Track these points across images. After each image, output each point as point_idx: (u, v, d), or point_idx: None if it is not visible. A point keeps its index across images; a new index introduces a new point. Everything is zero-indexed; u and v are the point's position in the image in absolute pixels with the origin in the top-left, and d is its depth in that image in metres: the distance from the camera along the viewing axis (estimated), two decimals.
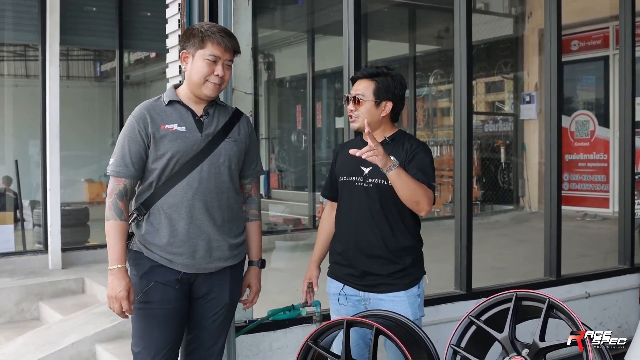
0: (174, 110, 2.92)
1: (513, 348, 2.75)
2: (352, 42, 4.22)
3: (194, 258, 2.90)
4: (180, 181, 2.86)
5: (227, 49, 2.88)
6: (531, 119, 10.97)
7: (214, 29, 2.89)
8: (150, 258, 2.89)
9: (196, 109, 2.95)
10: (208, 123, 2.94)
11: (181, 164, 2.87)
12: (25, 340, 5.05)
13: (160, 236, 2.88)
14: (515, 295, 2.83)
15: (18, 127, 10.15)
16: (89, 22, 7.72)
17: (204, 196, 2.88)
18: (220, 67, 2.88)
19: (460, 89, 4.70)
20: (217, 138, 2.93)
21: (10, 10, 7.49)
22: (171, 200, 2.86)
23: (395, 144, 3.15)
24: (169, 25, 3.84)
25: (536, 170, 10.81)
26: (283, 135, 14.06)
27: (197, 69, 2.87)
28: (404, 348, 2.75)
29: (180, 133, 2.87)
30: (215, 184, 2.91)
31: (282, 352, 3.88)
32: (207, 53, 2.85)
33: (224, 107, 3.06)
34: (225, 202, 2.95)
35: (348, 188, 3.22)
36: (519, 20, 11.36)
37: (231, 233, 3.00)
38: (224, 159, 2.93)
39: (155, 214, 2.89)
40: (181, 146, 2.86)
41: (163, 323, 2.91)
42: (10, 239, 7.33)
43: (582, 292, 5.20)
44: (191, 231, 2.88)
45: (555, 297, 2.75)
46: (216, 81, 2.89)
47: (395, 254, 3.14)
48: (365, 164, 3.07)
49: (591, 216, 9.94)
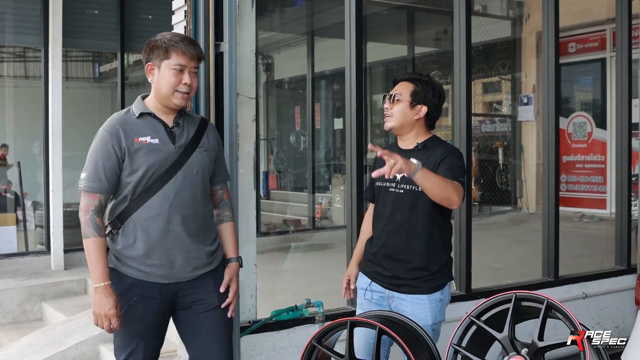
0: (145, 123, 2.91)
1: (513, 347, 2.81)
2: (353, 43, 4.27)
3: (172, 269, 2.91)
4: (155, 193, 2.87)
5: (192, 57, 2.89)
6: (529, 120, 11.03)
7: (177, 39, 2.89)
8: (128, 275, 2.90)
9: (167, 119, 2.95)
10: (180, 134, 2.95)
11: (156, 177, 2.87)
12: (30, 341, 5.10)
13: (136, 248, 2.88)
14: (514, 296, 2.89)
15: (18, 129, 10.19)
16: (91, 25, 7.76)
17: (180, 207, 2.90)
18: (187, 75, 2.89)
19: (460, 92, 4.75)
20: (189, 148, 2.95)
21: (13, 14, 7.53)
22: (147, 212, 2.87)
23: (426, 150, 3.19)
24: (174, 31, 3.88)
25: (534, 171, 10.87)
26: (282, 136, 14.10)
27: (165, 80, 2.87)
28: (407, 347, 2.82)
29: (154, 145, 2.87)
30: (190, 194, 2.93)
31: (286, 352, 3.94)
32: (172, 63, 2.86)
33: (191, 116, 3.07)
34: (200, 212, 2.98)
35: (383, 193, 3.29)
36: (516, 22, 11.42)
37: (206, 241, 3.02)
38: (197, 169, 2.95)
39: (130, 227, 2.89)
40: (156, 159, 2.86)
41: (145, 335, 2.95)
42: (13, 240, 7.37)
43: (579, 293, 5.26)
44: (169, 243, 2.89)
45: (553, 298, 2.81)
46: (185, 90, 2.89)
47: (423, 261, 3.18)
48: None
49: (588, 217, 10.00)
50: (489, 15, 11.38)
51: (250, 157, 3.85)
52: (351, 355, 2.97)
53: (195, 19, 3.63)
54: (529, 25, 11.01)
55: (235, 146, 3.65)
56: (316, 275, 6.63)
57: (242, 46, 3.75)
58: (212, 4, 3.62)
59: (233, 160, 3.64)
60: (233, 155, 3.64)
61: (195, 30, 3.64)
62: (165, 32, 2.98)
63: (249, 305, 3.85)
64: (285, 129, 14.06)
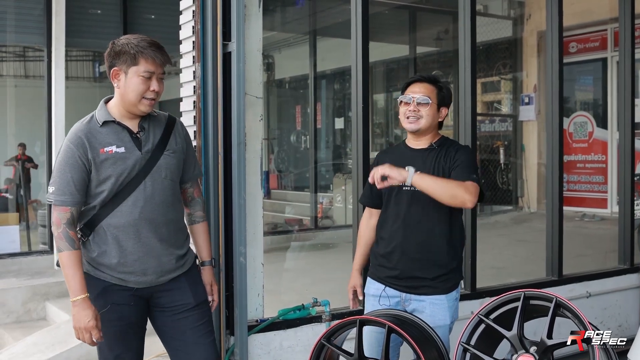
0: (109, 131, 2.83)
1: (521, 345, 2.83)
2: (360, 43, 4.28)
3: (145, 275, 2.88)
4: (123, 201, 2.82)
5: (161, 63, 2.81)
6: (530, 120, 11.05)
7: (144, 44, 2.79)
8: (101, 278, 2.86)
9: (131, 125, 2.87)
10: (145, 138, 2.88)
11: (124, 184, 2.81)
12: (35, 340, 5.11)
13: (109, 257, 2.84)
14: (523, 294, 2.91)
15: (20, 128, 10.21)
16: (94, 25, 7.78)
17: (150, 214, 2.85)
18: (155, 82, 2.82)
19: (465, 92, 4.74)
20: (156, 152, 2.88)
21: (15, 13, 7.54)
22: (116, 220, 2.82)
23: (441, 149, 3.24)
24: (182, 31, 3.91)
25: (535, 170, 10.89)
26: (282, 135, 14.12)
27: (133, 87, 2.79)
28: (416, 346, 2.83)
29: (120, 154, 2.80)
30: (160, 199, 2.87)
31: (293, 350, 3.96)
32: (141, 69, 2.77)
33: (157, 117, 2.97)
34: (171, 216, 2.93)
35: (395, 193, 3.27)
36: (517, 22, 11.45)
37: (177, 244, 2.97)
38: (165, 173, 2.89)
39: (101, 234, 2.84)
40: (123, 168, 2.80)
41: (123, 338, 2.91)
42: (16, 239, 7.37)
43: (583, 292, 5.28)
44: (141, 250, 2.85)
45: (562, 297, 2.83)
46: (152, 96, 2.82)
47: (442, 258, 3.21)
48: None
49: (589, 216, 10.02)
50: (490, 15, 11.41)
51: (258, 157, 3.87)
52: (360, 354, 2.98)
53: (203, 19, 3.64)
54: (530, 25, 11.03)
55: (242, 145, 3.66)
56: (319, 274, 6.64)
57: (249, 46, 3.77)
58: (219, 4, 3.63)
59: (240, 159, 3.66)
60: (240, 155, 3.66)
61: (203, 30, 3.65)
62: (130, 35, 2.89)
63: (256, 304, 3.86)
64: (285, 129, 14.08)
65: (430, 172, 3.13)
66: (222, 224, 3.71)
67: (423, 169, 3.11)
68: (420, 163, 3.18)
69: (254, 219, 3.85)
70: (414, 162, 3.17)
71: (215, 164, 3.68)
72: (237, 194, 3.68)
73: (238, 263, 3.70)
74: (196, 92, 3.74)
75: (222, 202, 3.71)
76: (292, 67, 13.10)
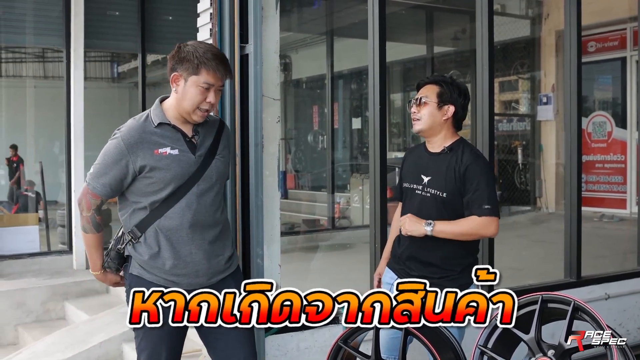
0: (164, 132, 2.86)
1: (539, 349, 2.82)
2: (377, 44, 4.27)
3: (197, 277, 2.92)
4: (176, 203, 2.85)
5: (222, 76, 2.83)
6: (548, 120, 10.99)
7: (209, 55, 2.79)
8: (151, 281, 2.88)
9: (186, 128, 2.89)
10: (200, 143, 2.90)
11: (176, 187, 2.84)
12: (54, 340, 5.16)
13: (163, 260, 2.88)
14: (541, 297, 2.89)
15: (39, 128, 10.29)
16: (112, 26, 7.83)
17: (202, 216, 2.89)
18: (213, 94, 2.82)
19: (482, 92, 4.72)
20: (208, 157, 2.91)
21: (35, 15, 7.61)
22: (169, 222, 2.86)
23: (452, 153, 3.20)
24: (200, 34, 3.92)
25: (553, 171, 10.83)
26: (299, 135, 14.14)
27: (190, 96, 2.80)
28: (433, 348, 2.83)
29: (174, 157, 2.83)
30: (210, 202, 2.92)
31: (310, 351, 3.96)
32: (201, 80, 2.78)
33: (209, 121, 2.99)
34: (219, 218, 2.98)
35: (410, 195, 3.31)
36: (535, 21, 11.38)
37: (225, 246, 3.02)
38: (216, 177, 2.93)
39: (153, 236, 2.87)
40: (177, 170, 2.83)
41: (166, 338, 2.92)
42: (36, 239, 7.43)
43: (601, 294, 5.23)
44: (193, 252, 2.89)
45: (580, 300, 2.82)
46: (207, 108, 2.84)
47: (447, 263, 3.22)
48: (425, 172, 3.24)
49: (608, 217, 9.95)
50: (508, 14, 11.35)
51: (275, 158, 3.87)
52: (377, 356, 2.98)
53: (221, 22, 3.66)
54: (548, 24, 10.96)
55: (260, 147, 3.67)
56: (336, 275, 6.64)
57: (266, 48, 3.77)
58: (237, 7, 3.64)
59: (258, 161, 3.67)
60: (258, 156, 3.67)
61: (221, 33, 3.66)
62: (197, 42, 2.91)
63: None
64: (302, 129, 14.10)
65: (441, 179, 3.17)
66: (239, 225, 3.72)
67: (438, 175, 3.17)
68: (435, 169, 3.21)
69: (271, 220, 3.85)
70: (430, 167, 3.23)
71: (232, 165, 3.67)
72: (254, 195, 3.68)
73: (255, 264, 3.71)
74: None
75: (240, 204, 3.72)
76: (309, 67, 13.11)
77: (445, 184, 3.16)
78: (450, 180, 3.15)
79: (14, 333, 6.16)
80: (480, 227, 3.10)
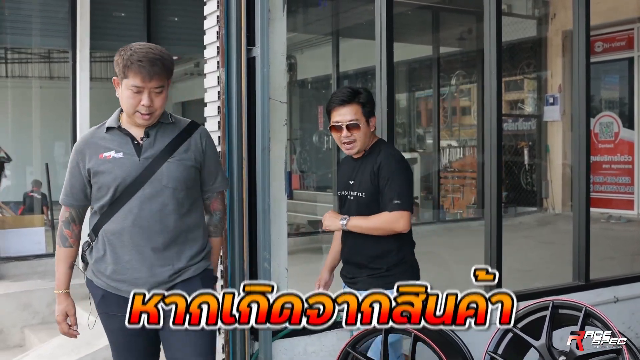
0: (112, 137, 2.83)
1: (550, 355, 2.80)
2: (384, 45, 4.26)
3: (136, 285, 2.75)
4: (121, 207, 2.79)
5: (149, 78, 2.70)
6: (555, 120, 10.96)
7: (135, 58, 2.70)
8: (100, 287, 2.87)
9: (136, 132, 2.83)
10: (148, 145, 2.82)
11: (121, 190, 2.78)
12: (60, 342, 5.14)
13: (105, 264, 2.84)
14: (552, 303, 2.87)
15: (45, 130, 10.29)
16: (118, 27, 7.82)
17: (145, 222, 2.78)
18: (147, 96, 2.72)
19: (490, 93, 4.69)
20: (159, 159, 2.81)
21: (41, 17, 7.61)
22: (113, 226, 2.80)
23: (370, 156, 3.28)
24: (206, 36, 3.90)
25: (560, 171, 10.80)
26: (304, 136, 14.13)
27: (125, 100, 2.76)
28: (442, 354, 2.81)
29: (117, 160, 2.78)
30: (158, 207, 2.79)
31: (317, 355, 3.94)
32: (130, 83, 2.71)
33: (171, 124, 2.89)
34: (170, 225, 2.82)
35: (344, 202, 3.39)
36: (542, 21, 11.35)
37: (179, 256, 2.86)
38: (167, 181, 2.80)
39: (101, 240, 2.84)
40: (118, 173, 2.77)
41: (130, 349, 2.91)
42: (42, 240, 7.42)
43: (610, 297, 5.20)
44: (133, 259, 2.80)
45: (591, 306, 2.79)
46: (144, 111, 2.74)
47: (370, 261, 3.27)
48: (351, 177, 3.33)
49: (615, 218, 9.92)
50: (514, 14, 11.33)
51: (282, 161, 3.85)
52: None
53: (228, 24, 3.63)
54: (555, 25, 10.93)
55: (267, 150, 3.65)
56: None
57: (273, 51, 3.75)
58: (244, 9, 3.62)
59: (265, 164, 3.65)
60: (265, 160, 3.65)
61: (228, 35, 3.64)
62: (137, 44, 2.79)
63: None
64: (307, 129, 14.08)
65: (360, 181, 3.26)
66: (246, 229, 3.70)
67: (360, 177, 3.26)
68: (356, 173, 3.31)
69: (278, 223, 3.84)
70: (355, 172, 3.32)
71: (239, 169, 3.67)
72: (261, 199, 3.67)
73: (262, 268, 3.69)
74: (220, 98, 3.73)
75: (247, 207, 3.70)
76: (314, 67, 13.10)
77: (365, 185, 3.24)
78: (367, 181, 3.23)
79: (20, 335, 6.14)
80: (390, 221, 3.14)
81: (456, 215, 11.25)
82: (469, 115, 12.66)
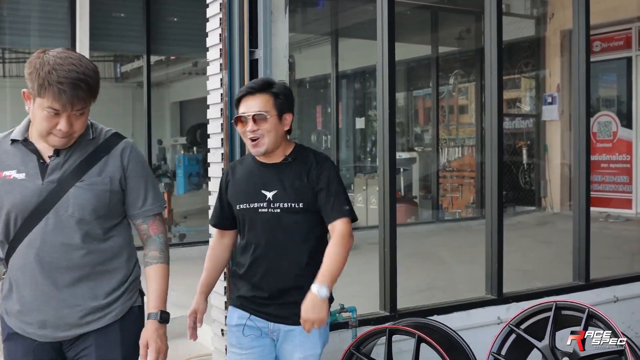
0: (17, 152, 2.37)
1: (553, 356, 2.81)
2: (386, 46, 4.22)
3: (44, 328, 2.39)
4: (22, 240, 2.35)
5: (72, 105, 2.22)
6: (553, 119, 10.98)
7: (53, 78, 2.17)
8: (10, 325, 2.45)
9: (45, 148, 2.35)
10: (55, 166, 2.34)
11: (22, 219, 2.34)
12: None
13: (12, 302, 2.43)
14: (555, 304, 2.89)
15: None
16: (117, 28, 7.84)
17: (48, 257, 2.34)
18: (65, 121, 2.24)
19: (491, 93, 4.67)
20: (65, 184, 2.33)
21: (40, 17, 7.62)
22: (16, 261, 2.38)
23: (298, 162, 2.87)
24: (209, 39, 3.91)
25: (558, 171, 10.83)
26: (302, 135, 14.13)
27: (38, 120, 2.27)
28: (446, 356, 2.82)
29: (18, 182, 2.33)
30: (63, 240, 2.34)
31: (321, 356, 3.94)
32: (45, 104, 2.21)
33: (89, 140, 2.41)
34: (78, 261, 2.37)
35: (250, 216, 2.87)
36: (540, 21, 11.38)
37: (93, 292, 2.41)
38: (72, 209, 2.33)
39: (8, 275, 2.43)
40: (17, 198, 2.32)
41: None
42: None
43: (610, 297, 5.21)
44: (38, 298, 2.37)
45: (595, 308, 2.81)
46: (61, 135, 2.27)
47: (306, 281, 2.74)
48: (266, 187, 2.83)
49: (614, 217, 9.94)
50: (512, 14, 11.35)
51: None
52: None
53: (230, 27, 3.65)
54: (553, 24, 10.95)
55: None
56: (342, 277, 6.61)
57: (276, 52, 3.77)
58: (246, 12, 3.64)
59: None
60: None
61: (230, 38, 3.66)
62: (58, 52, 2.27)
63: None
64: (306, 129, 14.09)
65: (291, 190, 2.80)
66: None
67: (286, 186, 2.81)
68: (276, 181, 2.83)
69: None
70: (266, 179, 2.85)
71: None
72: None
73: None
74: (223, 100, 3.74)
75: None
76: (313, 67, 13.10)
77: (300, 194, 2.80)
78: (304, 188, 2.80)
79: None
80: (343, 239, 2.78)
81: (455, 215, 11.27)
82: (466, 114, 12.69)
